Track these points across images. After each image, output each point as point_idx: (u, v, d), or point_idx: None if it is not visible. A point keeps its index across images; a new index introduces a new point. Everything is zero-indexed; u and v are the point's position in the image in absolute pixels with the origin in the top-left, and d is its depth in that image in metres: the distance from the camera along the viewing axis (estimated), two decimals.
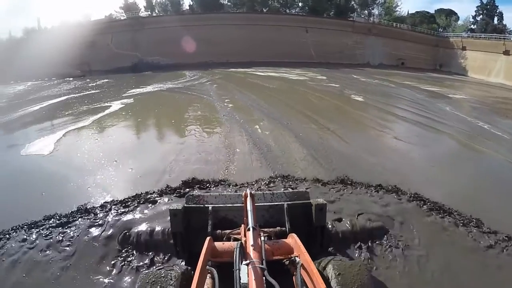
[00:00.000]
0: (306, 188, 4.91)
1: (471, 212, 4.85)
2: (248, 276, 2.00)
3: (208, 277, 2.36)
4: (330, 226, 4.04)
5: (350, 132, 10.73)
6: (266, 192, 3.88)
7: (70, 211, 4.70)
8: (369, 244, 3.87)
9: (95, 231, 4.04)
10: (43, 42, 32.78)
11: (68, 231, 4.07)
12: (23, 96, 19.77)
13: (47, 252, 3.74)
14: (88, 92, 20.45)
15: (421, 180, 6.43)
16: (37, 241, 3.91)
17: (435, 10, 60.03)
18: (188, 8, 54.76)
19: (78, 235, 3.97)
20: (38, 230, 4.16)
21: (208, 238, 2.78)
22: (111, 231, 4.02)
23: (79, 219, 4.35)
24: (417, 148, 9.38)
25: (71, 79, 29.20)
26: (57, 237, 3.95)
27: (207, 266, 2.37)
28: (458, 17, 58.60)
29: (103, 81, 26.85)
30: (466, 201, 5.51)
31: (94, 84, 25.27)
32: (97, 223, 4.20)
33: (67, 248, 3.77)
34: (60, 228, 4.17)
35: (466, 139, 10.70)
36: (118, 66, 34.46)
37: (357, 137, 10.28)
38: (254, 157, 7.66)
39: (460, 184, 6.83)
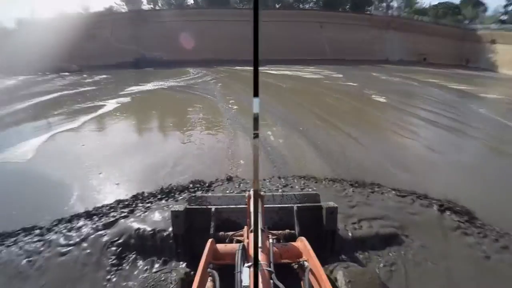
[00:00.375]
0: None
1: None
2: (249, 279, 1.80)
3: (209, 280, 2.26)
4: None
5: (375, 140, 9.23)
6: (276, 193, 3.83)
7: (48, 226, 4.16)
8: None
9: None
10: (37, 34, 31.12)
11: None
12: (11, 92, 18.45)
13: None
14: (82, 89, 19.18)
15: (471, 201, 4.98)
16: None
17: (460, 1, 55.53)
18: (192, 2, 52.97)
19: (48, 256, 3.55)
20: None
21: (209, 240, 2.66)
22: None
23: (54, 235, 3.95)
24: (458, 164, 7.65)
25: (66, 74, 27.66)
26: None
27: (208, 269, 2.29)
28: (486, 7, 54.78)
29: (100, 77, 25.47)
30: None
31: (90, 80, 23.90)
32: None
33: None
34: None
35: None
36: (119, 61, 33.03)
37: (384, 146, 8.75)
38: (266, 173, 6.14)
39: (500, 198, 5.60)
